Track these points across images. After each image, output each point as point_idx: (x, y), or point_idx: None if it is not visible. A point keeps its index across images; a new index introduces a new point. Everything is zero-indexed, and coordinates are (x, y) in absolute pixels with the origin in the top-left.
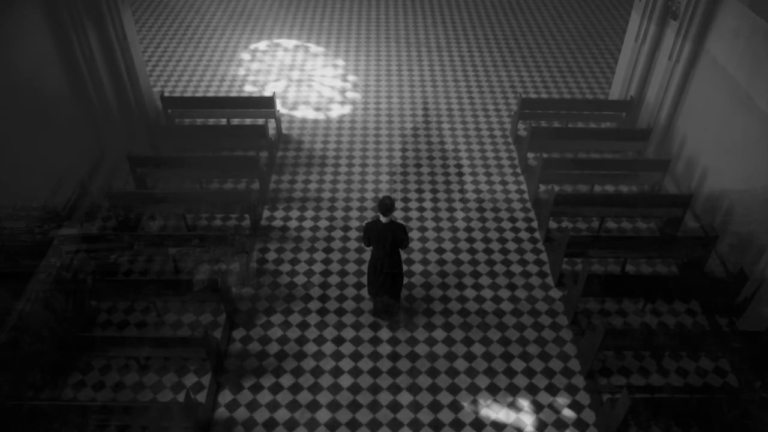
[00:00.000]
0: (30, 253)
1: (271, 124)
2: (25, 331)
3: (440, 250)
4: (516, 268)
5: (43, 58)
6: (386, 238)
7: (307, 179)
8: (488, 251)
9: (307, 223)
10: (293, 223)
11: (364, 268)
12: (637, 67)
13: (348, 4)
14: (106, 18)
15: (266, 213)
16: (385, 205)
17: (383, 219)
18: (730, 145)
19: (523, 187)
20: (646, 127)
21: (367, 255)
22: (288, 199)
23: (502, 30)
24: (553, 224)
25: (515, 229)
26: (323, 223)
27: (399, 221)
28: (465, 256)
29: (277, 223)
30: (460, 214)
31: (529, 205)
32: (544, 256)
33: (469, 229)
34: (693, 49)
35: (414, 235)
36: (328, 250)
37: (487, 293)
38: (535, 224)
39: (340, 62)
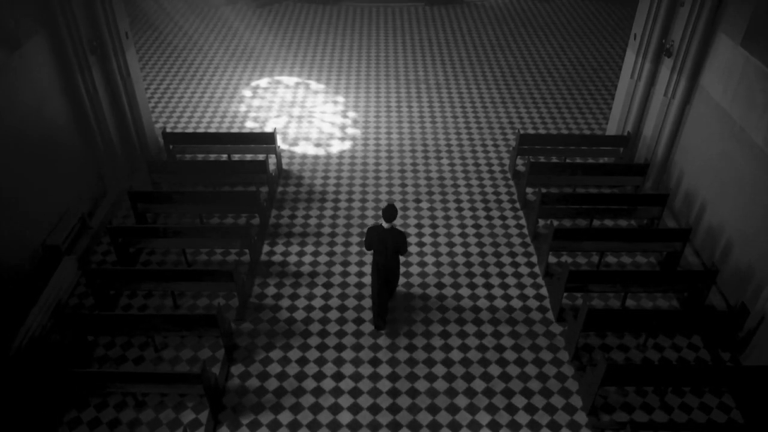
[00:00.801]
0: (28, 287)
1: (272, 159)
2: (22, 366)
3: (440, 285)
4: (516, 303)
5: (48, 95)
6: (386, 243)
7: (307, 214)
8: (488, 286)
9: (307, 258)
10: (293, 258)
11: (364, 303)
12: (634, 103)
13: (348, 43)
14: (111, 56)
15: (266, 248)
16: (389, 213)
17: (385, 225)
18: (727, 180)
19: (522, 222)
20: (644, 162)
21: (366, 290)
22: (288, 234)
23: (500, 67)
24: (552, 259)
25: (515, 264)
26: (323, 258)
27: (399, 228)
28: (465, 291)
29: (277, 258)
30: (459, 249)
31: (528, 239)
32: (544, 291)
33: (468, 264)
34: (688, 85)
35: (413, 270)
36: (327, 285)
37: (487, 328)
38: (534, 259)
39: (341, 99)
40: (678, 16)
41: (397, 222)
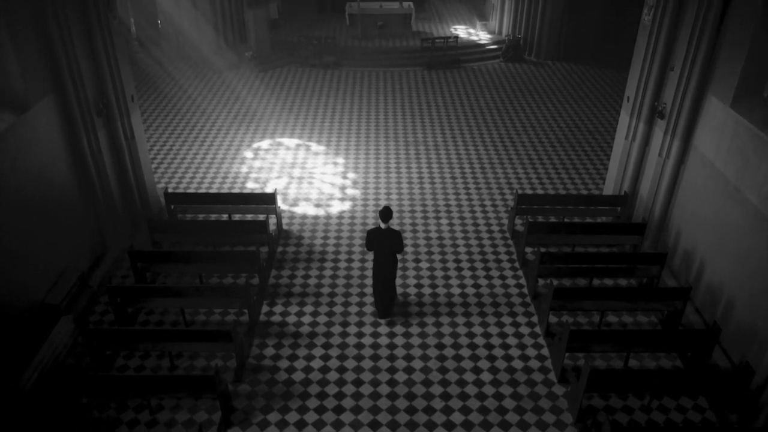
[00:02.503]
0: (26, 346)
1: (272, 219)
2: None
3: (440, 346)
4: (518, 364)
5: (53, 155)
6: (385, 243)
7: (307, 275)
8: (489, 346)
9: (306, 319)
10: (292, 319)
11: (363, 364)
12: (629, 163)
13: (348, 106)
14: (116, 118)
15: (265, 308)
16: (385, 214)
17: (383, 225)
18: (725, 238)
19: (522, 281)
20: (642, 221)
21: (365, 351)
22: (287, 294)
23: (497, 129)
24: (553, 318)
25: (515, 324)
26: (322, 319)
27: (395, 228)
28: (465, 352)
29: (276, 318)
30: (459, 309)
31: (528, 299)
32: (545, 351)
33: (469, 324)
34: (681, 145)
35: (413, 330)
36: (326, 346)
37: (489, 390)
38: (535, 319)
39: (341, 160)
40: (669, 80)
41: (397, 283)
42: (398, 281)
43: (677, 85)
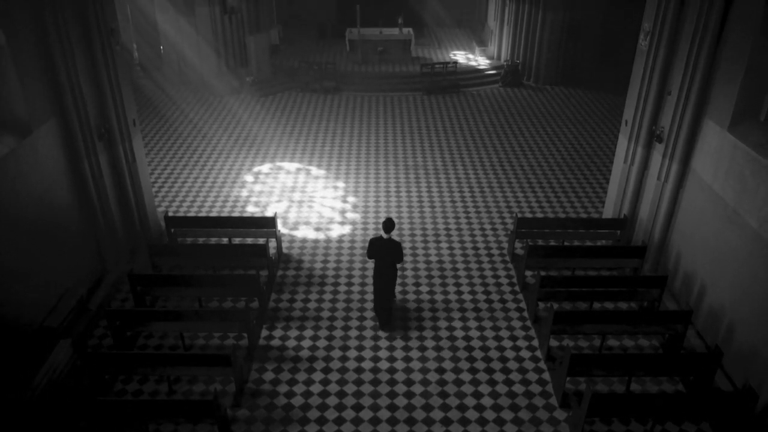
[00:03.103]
0: (24, 369)
1: (272, 243)
2: None
3: (440, 370)
4: (518, 388)
5: (54, 179)
6: (385, 252)
7: (307, 298)
8: (489, 371)
9: (306, 343)
10: (291, 343)
11: (363, 388)
12: (628, 187)
13: (348, 130)
14: (118, 142)
15: (264, 332)
16: (388, 225)
17: (384, 236)
18: (724, 261)
19: (522, 305)
20: (641, 244)
21: (365, 375)
22: (287, 318)
23: (496, 153)
24: (553, 342)
25: (516, 348)
26: (322, 343)
27: (396, 239)
28: (466, 376)
29: (276, 342)
30: (460, 333)
31: (528, 323)
32: (546, 376)
33: (469, 348)
34: (680, 169)
35: (413, 354)
36: (326, 370)
37: (490, 414)
38: (535, 342)
39: (341, 184)
40: (666, 104)
41: (397, 306)
42: (398, 304)
43: (674, 109)
